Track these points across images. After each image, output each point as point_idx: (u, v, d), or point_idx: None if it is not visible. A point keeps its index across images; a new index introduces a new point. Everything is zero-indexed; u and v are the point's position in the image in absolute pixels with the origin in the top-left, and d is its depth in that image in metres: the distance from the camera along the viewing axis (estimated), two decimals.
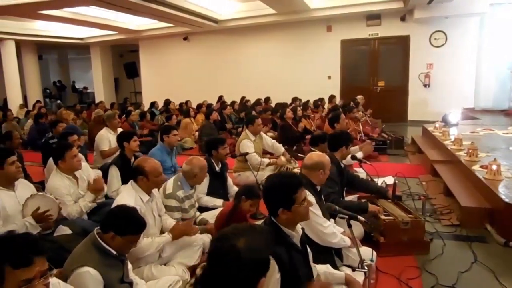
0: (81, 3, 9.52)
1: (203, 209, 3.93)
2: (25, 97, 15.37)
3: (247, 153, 4.92)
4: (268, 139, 5.83)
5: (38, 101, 14.23)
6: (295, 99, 10.73)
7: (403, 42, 11.54)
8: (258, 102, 10.76)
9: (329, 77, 12.53)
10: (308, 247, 2.19)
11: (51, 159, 4.33)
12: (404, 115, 11.75)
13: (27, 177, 4.53)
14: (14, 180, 3.09)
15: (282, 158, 5.60)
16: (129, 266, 2.36)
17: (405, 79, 11.69)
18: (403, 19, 11.25)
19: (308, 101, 10.38)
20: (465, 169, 4.74)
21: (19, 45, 14.66)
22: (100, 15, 11.77)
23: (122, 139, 4.55)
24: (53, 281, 1.81)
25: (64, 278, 2.03)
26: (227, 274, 1.28)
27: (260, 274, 1.31)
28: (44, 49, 18.32)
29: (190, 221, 3.16)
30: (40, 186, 4.25)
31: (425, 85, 11.37)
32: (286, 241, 1.99)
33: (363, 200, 3.87)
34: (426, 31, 11.13)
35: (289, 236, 2.00)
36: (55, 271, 1.60)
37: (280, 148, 5.79)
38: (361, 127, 7.48)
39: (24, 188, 3.19)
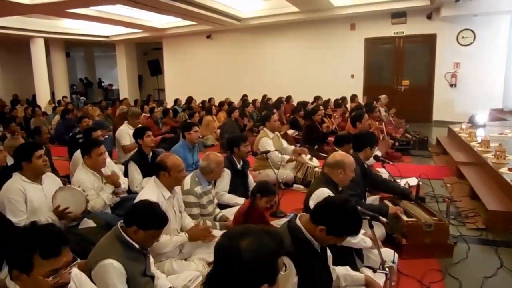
0: (108, 1, 9.72)
1: (224, 206, 3.96)
2: (52, 93, 15.81)
3: (268, 151, 4.91)
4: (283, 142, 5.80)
5: (64, 97, 14.62)
6: (317, 98, 10.66)
7: (429, 41, 11.29)
8: (280, 100, 10.73)
9: (352, 76, 12.40)
10: (328, 251, 2.17)
11: (76, 154, 4.46)
12: (429, 115, 11.52)
13: (53, 170, 4.66)
14: (41, 174, 3.18)
15: (304, 156, 5.57)
16: (151, 260, 2.40)
17: (430, 79, 11.46)
18: (429, 17, 11.00)
19: (328, 99, 10.31)
20: (492, 171, 4.61)
21: (48, 42, 15.07)
22: (126, 14, 12.02)
23: (136, 136, 4.68)
24: (75, 271, 1.85)
25: (89, 269, 2.09)
26: (227, 272, 1.28)
27: (262, 279, 1.26)
28: (71, 47, 18.81)
29: (208, 227, 3.18)
30: (66, 179, 4.38)
31: (451, 85, 11.09)
32: (306, 245, 1.98)
33: (385, 201, 3.82)
34: (453, 30, 10.85)
35: (311, 242, 1.99)
36: (78, 260, 1.63)
37: (289, 148, 5.77)
38: (384, 127, 7.36)
39: (51, 181, 3.28)
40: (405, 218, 3.41)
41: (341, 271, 2.37)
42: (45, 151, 3.27)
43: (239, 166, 4.28)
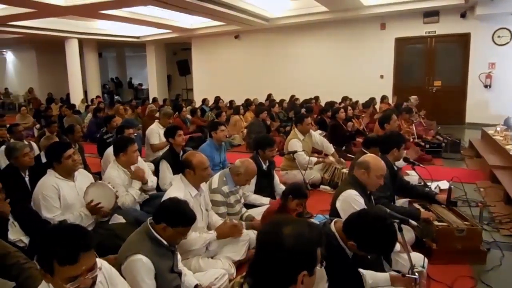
0: (139, 2, 9.93)
1: (250, 206, 3.97)
2: (85, 92, 16.30)
3: (295, 151, 4.89)
4: (317, 137, 5.76)
5: (98, 96, 15.03)
6: (345, 99, 10.53)
7: (463, 40, 10.95)
8: (308, 101, 10.67)
9: (382, 77, 12.17)
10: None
11: (107, 151, 4.58)
12: (462, 117, 11.17)
13: (86, 167, 4.81)
14: (72, 172, 3.28)
15: (331, 157, 5.52)
16: (179, 257, 2.44)
17: (463, 79, 11.11)
18: (463, 16, 10.65)
19: (357, 101, 10.18)
20: None
21: (81, 43, 15.56)
22: (156, 15, 12.25)
23: (168, 135, 4.75)
24: (105, 265, 1.90)
25: (118, 264, 2.14)
26: (268, 256, 1.31)
27: (301, 266, 1.30)
28: (104, 47, 19.33)
29: (237, 224, 3.20)
30: (98, 176, 4.51)
31: (486, 86, 10.71)
32: (339, 252, 1.98)
33: (416, 205, 3.72)
34: (488, 29, 10.46)
35: (344, 249, 1.98)
36: (101, 266, 1.64)
37: (330, 148, 5.71)
38: (414, 129, 7.20)
39: (83, 178, 3.39)
40: (436, 222, 3.32)
41: (367, 274, 2.33)
42: (78, 148, 3.38)
43: (264, 167, 4.28)
